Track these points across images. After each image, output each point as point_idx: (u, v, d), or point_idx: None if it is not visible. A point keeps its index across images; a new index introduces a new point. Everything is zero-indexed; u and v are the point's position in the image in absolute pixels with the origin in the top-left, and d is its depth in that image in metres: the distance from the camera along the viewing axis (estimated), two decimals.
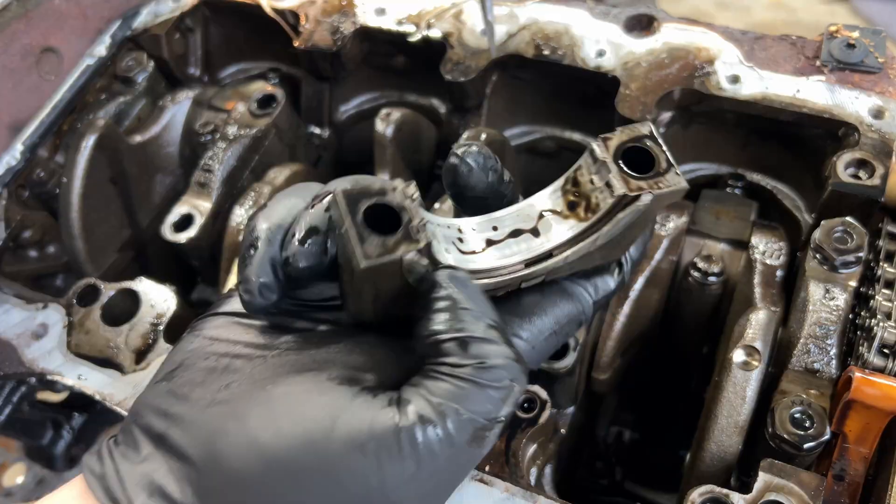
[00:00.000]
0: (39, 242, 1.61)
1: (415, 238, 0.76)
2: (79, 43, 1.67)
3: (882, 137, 1.29)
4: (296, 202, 0.84)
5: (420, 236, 0.76)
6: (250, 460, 0.73)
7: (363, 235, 0.75)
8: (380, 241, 0.75)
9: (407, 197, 0.78)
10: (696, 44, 1.46)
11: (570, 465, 1.53)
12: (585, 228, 0.84)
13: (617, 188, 0.80)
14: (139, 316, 1.32)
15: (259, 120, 1.64)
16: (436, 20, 1.61)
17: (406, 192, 0.78)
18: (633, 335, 1.40)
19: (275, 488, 0.73)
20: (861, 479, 1.04)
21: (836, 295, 1.17)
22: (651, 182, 0.81)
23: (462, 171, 0.86)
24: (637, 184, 0.80)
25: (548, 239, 0.85)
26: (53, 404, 1.81)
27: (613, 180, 0.81)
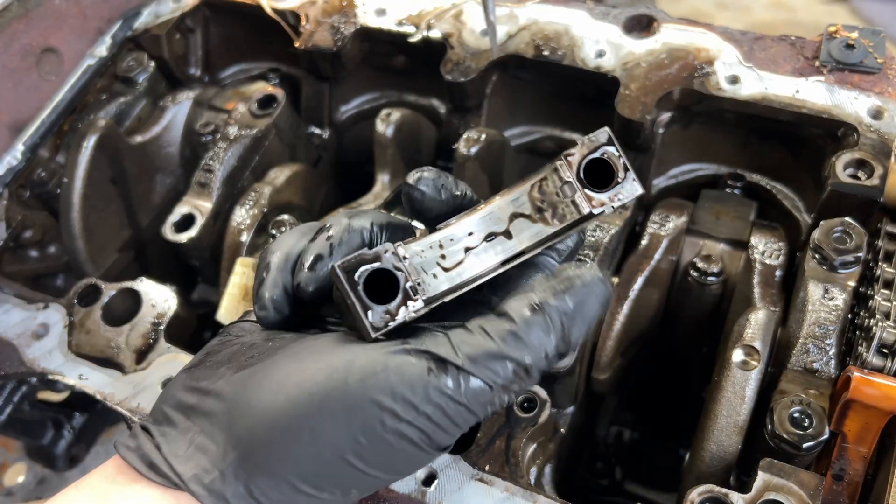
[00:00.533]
0: (40, 242, 1.61)
1: (413, 298, 0.85)
2: (79, 43, 1.67)
3: (881, 137, 1.29)
4: (300, 236, 0.95)
5: (417, 297, 0.85)
6: (278, 400, 0.81)
7: (367, 306, 0.83)
8: (383, 310, 0.84)
9: (399, 258, 0.85)
10: (695, 44, 1.46)
11: (570, 465, 1.53)
12: (554, 233, 0.92)
13: (582, 207, 0.90)
14: (140, 316, 1.32)
15: (259, 120, 1.64)
16: (436, 21, 1.61)
17: (397, 253, 0.85)
18: (633, 335, 1.40)
19: (300, 421, 0.80)
20: (860, 478, 1.04)
21: (836, 295, 1.17)
22: (612, 195, 0.90)
23: (416, 196, 0.94)
24: (599, 199, 0.90)
25: (520, 241, 0.92)
26: (54, 404, 1.82)
27: (578, 200, 0.90)
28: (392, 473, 0.86)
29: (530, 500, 1.03)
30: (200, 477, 0.81)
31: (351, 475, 0.82)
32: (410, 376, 0.80)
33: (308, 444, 0.81)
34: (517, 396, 0.86)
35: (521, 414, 1.13)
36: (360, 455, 0.81)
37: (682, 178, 1.60)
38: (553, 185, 0.92)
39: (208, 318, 1.52)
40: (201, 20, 1.83)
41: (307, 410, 0.81)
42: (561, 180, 0.91)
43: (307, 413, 0.81)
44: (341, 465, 0.81)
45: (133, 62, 1.74)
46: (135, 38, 1.75)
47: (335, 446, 0.80)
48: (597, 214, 0.90)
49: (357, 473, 0.82)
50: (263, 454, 0.81)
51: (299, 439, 0.81)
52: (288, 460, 0.81)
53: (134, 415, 1.19)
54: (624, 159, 0.90)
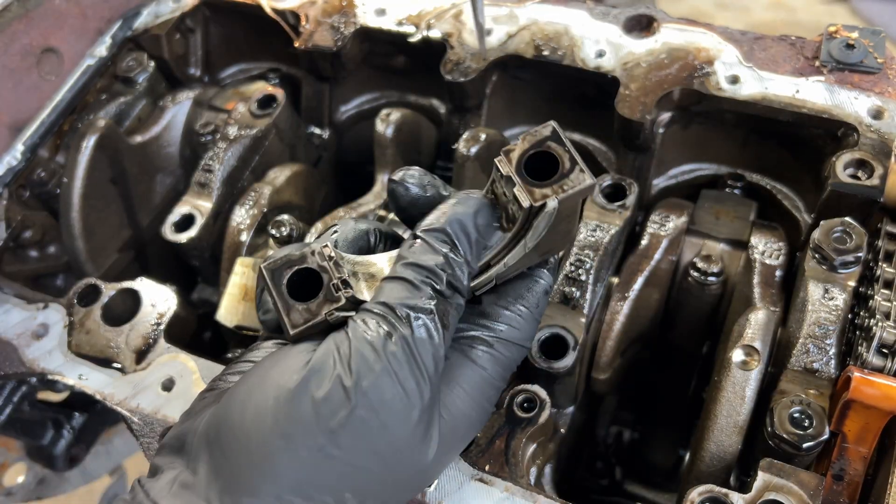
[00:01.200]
0: (40, 242, 1.61)
1: (335, 297, 0.84)
2: (79, 43, 1.67)
3: (881, 137, 1.29)
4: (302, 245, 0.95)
5: (340, 294, 0.84)
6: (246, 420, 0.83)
7: (288, 305, 0.84)
8: (304, 307, 0.84)
9: (325, 258, 0.85)
10: (695, 44, 1.46)
11: (570, 465, 1.53)
12: (511, 238, 0.89)
13: (523, 201, 0.85)
14: (140, 316, 1.32)
15: (259, 120, 1.64)
16: (436, 21, 1.61)
17: (324, 254, 0.86)
18: (633, 335, 1.40)
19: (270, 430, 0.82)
20: (860, 478, 1.04)
21: (836, 295, 1.17)
22: (556, 186, 0.85)
23: (400, 192, 0.95)
24: (542, 192, 0.85)
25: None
26: (54, 404, 1.82)
27: (518, 194, 0.85)
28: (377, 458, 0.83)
29: (530, 500, 1.03)
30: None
31: (337, 471, 0.80)
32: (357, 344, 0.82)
33: (283, 449, 0.80)
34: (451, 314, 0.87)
35: (521, 414, 1.13)
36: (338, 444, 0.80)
37: (682, 178, 1.60)
38: (500, 186, 0.89)
39: (208, 318, 1.52)
40: (201, 20, 1.83)
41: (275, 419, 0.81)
42: (503, 177, 0.87)
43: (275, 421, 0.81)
44: (322, 462, 0.80)
45: (133, 62, 1.74)
46: (135, 38, 1.75)
47: (311, 441, 0.80)
48: (538, 207, 0.85)
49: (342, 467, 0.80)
50: (244, 475, 0.81)
51: (274, 448, 0.80)
52: (268, 473, 0.80)
53: (134, 415, 1.20)
54: (572, 152, 0.86)
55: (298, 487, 0.80)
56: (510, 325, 0.94)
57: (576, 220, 0.95)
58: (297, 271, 0.86)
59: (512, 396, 1.14)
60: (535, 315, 0.97)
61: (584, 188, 0.85)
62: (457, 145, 1.49)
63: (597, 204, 1.38)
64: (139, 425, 1.19)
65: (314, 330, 0.85)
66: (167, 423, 1.18)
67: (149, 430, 1.18)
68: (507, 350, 0.94)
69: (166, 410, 1.19)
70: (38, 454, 1.85)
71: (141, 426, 1.19)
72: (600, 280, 1.32)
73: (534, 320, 0.97)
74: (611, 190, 1.40)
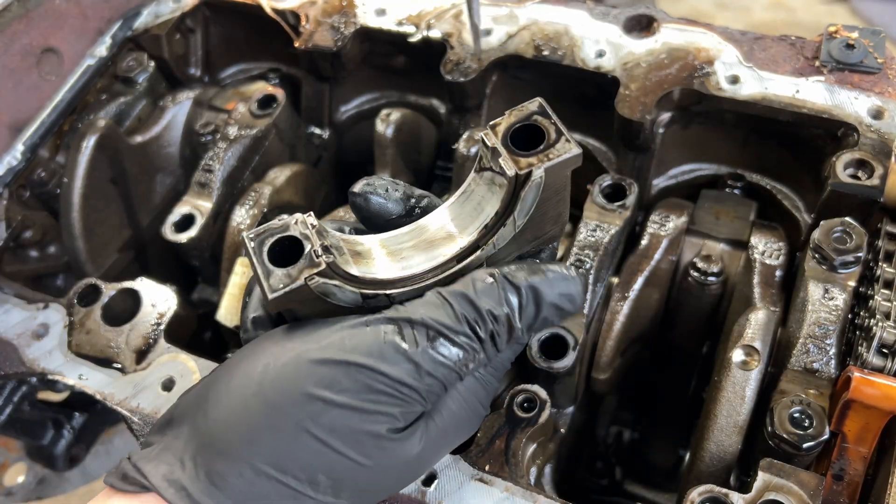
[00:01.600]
0: (40, 242, 1.61)
1: (316, 262, 0.82)
2: (79, 43, 1.67)
3: (881, 137, 1.29)
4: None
5: (321, 259, 0.82)
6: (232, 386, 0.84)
7: (268, 270, 0.82)
8: (284, 272, 0.81)
9: (307, 226, 0.84)
10: (695, 44, 1.46)
11: (570, 465, 1.53)
12: (499, 214, 0.87)
13: (508, 170, 0.83)
14: (140, 316, 1.32)
15: (259, 120, 1.64)
16: (436, 21, 1.61)
17: (306, 222, 0.84)
18: (633, 335, 1.40)
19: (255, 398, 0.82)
20: (860, 478, 1.04)
21: (836, 295, 1.17)
22: (541, 155, 0.84)
23: (360, 203, 0.93)
24: (527, 161, 0.84)
25: (469, 234, 0.89)
26: (54, 404, 1.82)
27: (503, 163, 0.84)
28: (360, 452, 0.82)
29: (530, 500, 1.03)
30: (164, 473, 0.82)
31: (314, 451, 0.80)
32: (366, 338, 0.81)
33: (261, 416, 0.80)
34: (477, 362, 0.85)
35: (521, 414, 1.13)
36: (321, 424, 0.79)
37: (682, 178, 1.60)
38: (486, 162, 0.87)
39: (208, 318, 1.52)
40: (201, 20, 1.83)
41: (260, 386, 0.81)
42: (489, 151, 0.86)
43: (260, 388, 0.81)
44: (302, 438, 0.79)
45: (133, 62, 1.74)
46: (135, 38, 1.75)
47: (292, 416, 0.79)
48: (524, 178, 0.83)
49: (321, 448, 0.80)
50: (221, 437, 0.81)
51: (253, 413, 0.80)
52: (243, 438, 0.80)
53: (134, 415, 1.20)
54: (558, 124, 0.85)
55: (272, 457, 0.80)
56: None
57: (565, 201, 0.93)
58: (279, 240, 0.84)
59: (512, 396, 1.14)
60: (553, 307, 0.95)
61: (570, 157, 0.84)
62: (457, 145, 1.49)
63: (597, 204, 1.38)
64: (139, 425, 1.19)
65: (294, 297, 0.83)
66: None
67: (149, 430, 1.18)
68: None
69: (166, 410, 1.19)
70: (38, 454, 1.85)
71: (141, 426, 1.19)
72: (600, 280, 1.32)
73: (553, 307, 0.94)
74: (611, 190, 1.40)
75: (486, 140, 0.86)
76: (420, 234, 0.92)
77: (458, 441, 0.94)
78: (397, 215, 0.94)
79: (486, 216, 0.88)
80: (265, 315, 0.95)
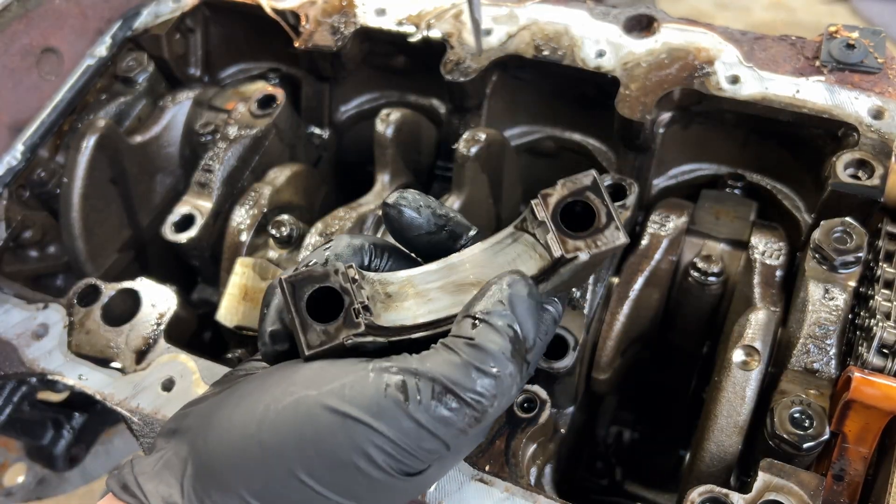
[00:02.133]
0: (40, 242, 1.61)
1: (355, 322, 0.81)
2: (79, 43, 1.67)
3: (881, 137, 1.29)
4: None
5: (360, 320, 0.81)
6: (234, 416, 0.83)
7: (306, 323, 0.81)
8: (321, 329, 0.81)
9: (349, 280, 0.83)
10: (695, 44, 1.46)
11: (570, 465, 1.53)
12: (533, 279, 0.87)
13: (554, 250, 0.83)
14: (140, 316, 1.32)
15: (259, 120, 1.64)
16: (436, 21, 1.61)
17: (347, 275, 0.83)
18: (633, 335, 1.40)
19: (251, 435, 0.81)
20: (860, 478, 1.04)
21: (836, 295, 1.17)
22: (589, 241, 0.83)
23: (393, 215, 0.93)
24: (574, 244, 0.83)
25: None
26: (54, 404, 1.82)
27: (551, 242, 0.84)
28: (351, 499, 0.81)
29: (530, 501, 1.03)
30: (162, 493, 0.82)
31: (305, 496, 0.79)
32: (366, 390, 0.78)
33: (257, 457, 0.79)
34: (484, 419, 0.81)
35: (521, 414, 1.13)
36: (311, 473, 0.78)
37: (682, 178, 1.60)
38: (531, 227, 0.87)
39: (208, 319, 1.52)
40: (201, 20, 1.83)
41: (259, 426, 0.80)
42: (536, 220, 0.85)
43: (258, 429, 0.80)
44: (293, 483, 0.79)
45: (133, 62, 1.74)
46: (135, 38, 1.75)
47: (285, 461, 0.79)
48: (569, 259, 0.83)
49: (311, 494, 0.79)
50: (217, 466, 0.81)
51: (249, 452, 0.80)
52: (238, 473, 0.80)
53: (133, 415, 1.20)
54: (609, 206, 0.84)
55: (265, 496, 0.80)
56: None
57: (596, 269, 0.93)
58: (319, 289, 0.83)
59: None
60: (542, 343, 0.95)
61: (616, 247, 0.83)
62: (457, 145, 1.49)
63: None
64: (139, 425, 1.19)
65: (329, 353, 0.83)
66: None
67: (149, 431, 1.18)
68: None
69: (166, 411, 1.19)
70: (38, 454, 1.85)
71: (141, 426, 1.19)
72: (600, 280, 1.32)
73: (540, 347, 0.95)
74: (611, 190, 1.40)
75: (535, 211, 0.85)
76: (449, 274, 0.91)
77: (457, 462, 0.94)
78: (426, 231, 0.95)
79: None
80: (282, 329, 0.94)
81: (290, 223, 1.53)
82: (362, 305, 0.83)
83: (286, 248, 1.53)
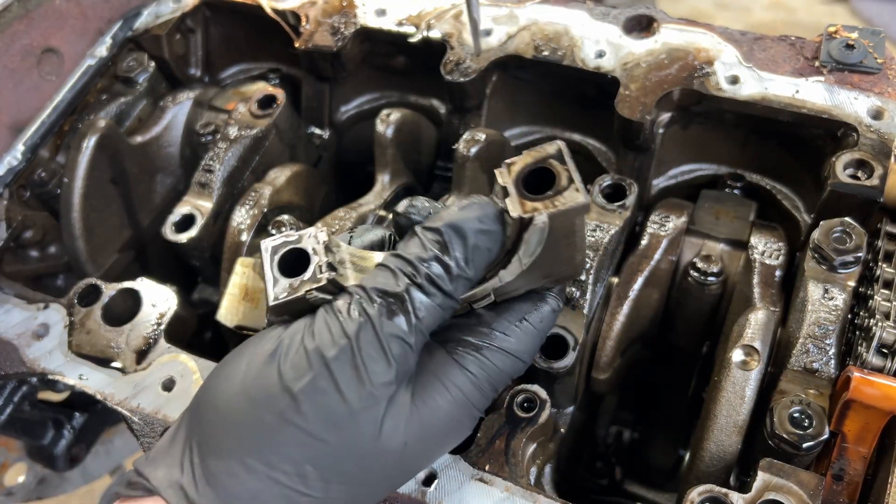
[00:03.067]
0: (40, 242, 1.61)
1: (318, 278, 0.88)
2: (79, 43, 1.68)
3: (881, 138, 1.29)
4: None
5: (323, 276, 0.88)
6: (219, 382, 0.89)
7: (275, 278, 0.89)
8: (288, 283, 0.89)
9: (318, 242, 0.90)
10: (695, 44, 1.46)
11: (570, 465, 1.53)
12: (506, 251, 0.89)
13: (512, 211, 0.85)
14: (140, 316, 1.32)
15: (260, 120, 1.64)
16: (436, 21, 1.61)
17: (318, 238, 0.91)
18: (633, 335, 1.40)
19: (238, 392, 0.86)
20: (860, 478, 1.04)
21: (835, 295, 1.18)
22: (547, 202, 0.84)
23: (403, 223, 0.97)
24: (532, 205, 0.85)
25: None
26: (54, 404, 1.82)
27: (509, 204, 0.85)
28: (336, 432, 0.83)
29: (530, 500, 1.03)
30: (166, 476, 0.85)
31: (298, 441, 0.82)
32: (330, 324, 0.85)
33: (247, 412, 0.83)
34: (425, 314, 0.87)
35: (521, 414, 1.13)
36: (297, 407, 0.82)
37: (681, 178, 1.60)
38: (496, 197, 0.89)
39: (208, 319, 1.52)
40: (201, 20, 1.83)
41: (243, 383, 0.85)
42: (502, 189, 0.87)
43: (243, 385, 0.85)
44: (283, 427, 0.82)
45: (133, 62, 1.74)
46: (135, 38, 1.75)
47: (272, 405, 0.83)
48: (528, 221, 0.84)
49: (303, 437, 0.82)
50: (212, 437, 0.84)
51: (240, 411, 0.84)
52: (232, 435, 0.83)
53: (134, 415, 1.20)
54: (571, 171, 0.85)
55: (260, 452, 0.82)
56: (504, 333, 0.95)
57: (578, 245, 0.94)
58: (291, 251, 0.91)
59: (512, 396, 1.14)
60: (538, 330, 0.97)
61: (575, 206, 0.84)
62: (457, 145, 1.49)
63: (597, 204, 1.38)
64: (140, 425, 1.19)
65: (293, 306, 0.89)
66: (167, 423, 1.19)
67: (149, 430, 1.18)
68: (497, 358, 0.94)
69: (167, 410, 1.19)
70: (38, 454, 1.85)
71: (141, 426, 1.19)
72: (600, 280, 1.32)
73: (535, 335, 0.97)
74: (611, 190, 1.40)
75: (498, 177, 0.87)
76: None
77: (450, 442, 0.95)
78: None
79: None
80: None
81: (290, 223, 1.53)
82: (327, 263, 0.89)
83: None
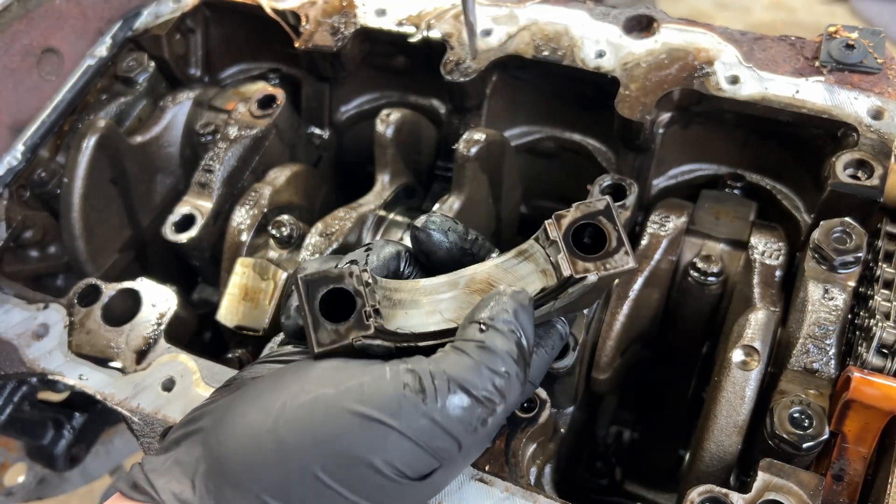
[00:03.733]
0: (40, 242, 1.61)
1: (365, 324, 0.85)
2: (79, 43, 1.68)
3: (881, 138, 1.29)
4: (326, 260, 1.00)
5: (370, 322, 0.85)
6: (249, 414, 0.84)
7: (318, 322, 0.84)
8: (333, 328, 0.84)
9: (362, 283, 0.86)
10: (695, 44, 1.46)
11: (570, 465, 1.53)
12: (540, 298, 0.90)
13: (564, 269, 0.86)
14: (140, 316, 1.32)
15: (259, 120, 1.64)
16: (436, 21, 1.61)
17: (361, 278, 0.86)
18: (633, 335, 1.40)
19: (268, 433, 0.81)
20: (860, 478, 1.04)
21: (835, 295, 1.17)
22: (598, 263, 0.86)
23: (422, 238, 0.97)
24: (584, 265, 0.86)
25: None
26: (54, 404, 1.82)
27: (560, 262, 0.87)
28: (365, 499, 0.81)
29: (530, 500, 1.03)
30: (174, 489, 0.82)
31: (320, 494, 0.80)
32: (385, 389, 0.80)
33: (273, 453, 0.80)
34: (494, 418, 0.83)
35: (521, 414, 1.13)
36: (328, 470, 0.79)
37: (681, 178, 1.60)
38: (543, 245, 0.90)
39: (208, 319, 1.52)
40: (201, 20, 1.83)
41: (275, 423, 0.81)
42: (548, 240, 0.89)
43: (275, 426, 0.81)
44: (309, 480, 0.80)
45: (133, 62, 1.74)
46: (135, 38, 1.75)
47: (302, 458, 0.79)
48: (578, 280, 0.86)
49: (327, 492, 0.80)
50: (230, 464, 0.82)
51: (265, 449, 0.80)
52: (253, 470, 0.81)
53: (134, 415, 1.20)
54: (620, 231, 0.87)
55: (280, 493, 0.80)
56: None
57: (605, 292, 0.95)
58: (332, 290, 0.86)
59: None
60: (549, 357, 0.98)
61: (625, 270, 0.86)
62: (457, 146, 1.49)
63: None
64: (139, 425, 1.19)
65: (338, 352, 0.86)
66: (167, 423, 1.18)
67: (149, 430, 1.18)
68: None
69: (167, 410, 1.19)
70: (38, 454, 1.85)
71: (141, 426, 1.19)
72: None
73: (547, 361, 0.98)
74: (611, 190, 1.41)
75: (548, 230, 0.88)
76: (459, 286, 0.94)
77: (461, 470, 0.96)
78: (452, 253, 0.98)
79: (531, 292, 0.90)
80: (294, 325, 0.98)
81: (290, 223, 1.53)
82: (373, 308, 0.86)
83: (286, 248, 1.53)
